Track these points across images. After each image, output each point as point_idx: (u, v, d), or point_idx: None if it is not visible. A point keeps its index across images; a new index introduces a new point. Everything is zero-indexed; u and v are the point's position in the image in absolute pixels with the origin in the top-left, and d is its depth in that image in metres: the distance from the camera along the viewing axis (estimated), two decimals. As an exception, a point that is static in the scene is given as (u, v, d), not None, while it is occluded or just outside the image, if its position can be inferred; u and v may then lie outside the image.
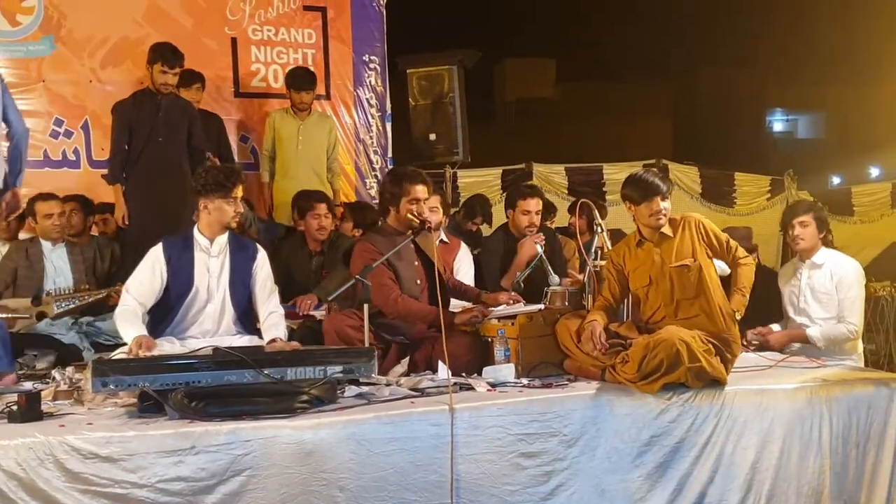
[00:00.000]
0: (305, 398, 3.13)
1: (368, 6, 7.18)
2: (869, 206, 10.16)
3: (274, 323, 3.95)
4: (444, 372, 3.56)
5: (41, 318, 4.65)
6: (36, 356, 4.15)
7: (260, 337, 3.93)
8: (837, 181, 16.81)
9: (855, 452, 3.67)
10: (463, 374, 3.68)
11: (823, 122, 23.91)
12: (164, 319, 3.90)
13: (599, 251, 4.21)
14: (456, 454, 3.13)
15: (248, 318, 4.03)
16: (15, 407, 3.00)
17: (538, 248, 4.76)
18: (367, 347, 3.61)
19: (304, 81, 6.40)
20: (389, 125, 7.36)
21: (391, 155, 7.37)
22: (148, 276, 3.87)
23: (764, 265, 6.09)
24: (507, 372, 3.70)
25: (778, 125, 24.83)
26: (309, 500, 2.97)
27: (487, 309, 4.07)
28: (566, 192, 9.05)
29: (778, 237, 9.01)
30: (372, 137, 7.24)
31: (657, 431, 3.44)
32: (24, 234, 5.46)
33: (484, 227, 6.96)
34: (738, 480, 3.49)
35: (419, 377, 3.70)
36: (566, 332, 3.82)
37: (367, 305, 3.77)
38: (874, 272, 7.16)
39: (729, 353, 3.70)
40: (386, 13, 7.24)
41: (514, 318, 3.89)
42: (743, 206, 9.77)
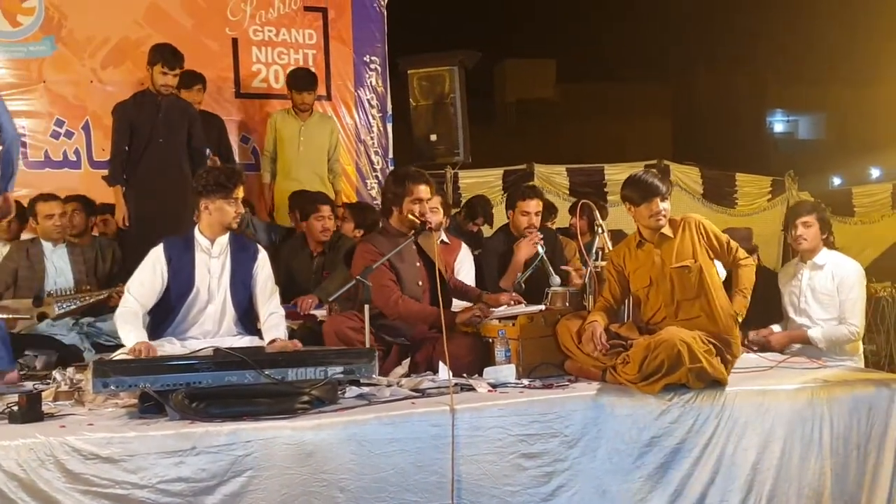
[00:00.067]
0: (306, 399, 3.13)
1: (369, 7, 7.19)
2: (869, 206, 10.15)
3: (274, 324, 3.95)
4: (444, 373, 3.56)
5: (42, 318, 4.66)
6: (36, 356, 4.15)
7: (261, 338, 3.93)
8: (838, 182, 16.83)
9: (856, 453, 3.66)
10: (464, 374, 3.67)
11: (824, 122, 23.89)
12: (164, 320, 3.90)
13: (600, 252, 4.21)
14: (457, 455, 3.13)
15: (248, 318, 4.03)
16: (16, 407, 3.00)
17: (539, 248, 4.76)
18: (367, 348, 3.60)
19: (305, 82, 6.40)
20: (390, 126, 7.36)
21: (392, 156, 7.38)
22: (149, 276, 3.86)
23: (764, 266, 6.08)
24: (507, 373, 3.70)
25: (779, 126, 24.81)
26: (309, 500, 2.97)
27: (488, 308, 4.06)
28: (567, 192, 9.02)
29: (778, 238, 9.02)
30: (373, 138, 7.24)
31: (658, 432, 3.43)
32: (25, 234, 5.46)
33: (485, 227, 6.95)
34: (738, 481, 3.49)
35: (420, 378, 3.69)
36: (567, 332, 3.81)
37: (367, 307, 3.76)
38: (875, 273, 7.16)
39: (729, 353, 3.69)
40: (386, 13, 7.25)
41: (514, 318, 3.89)
42: (744, 206, 9.75)
